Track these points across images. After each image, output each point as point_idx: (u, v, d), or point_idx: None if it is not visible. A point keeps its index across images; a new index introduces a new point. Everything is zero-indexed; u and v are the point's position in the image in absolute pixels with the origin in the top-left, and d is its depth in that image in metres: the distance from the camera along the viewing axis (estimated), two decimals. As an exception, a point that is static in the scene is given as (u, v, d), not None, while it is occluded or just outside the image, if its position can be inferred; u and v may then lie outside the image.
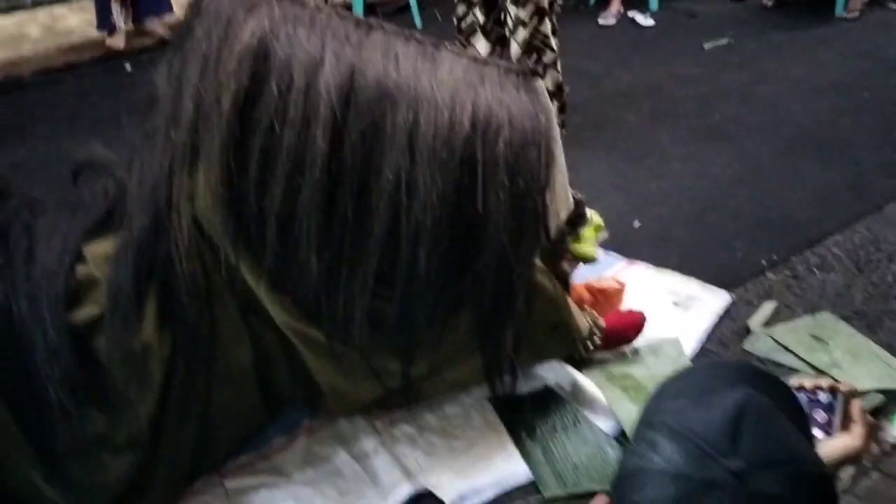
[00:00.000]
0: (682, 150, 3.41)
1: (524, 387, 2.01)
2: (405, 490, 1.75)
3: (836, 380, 2.01)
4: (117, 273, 1.56)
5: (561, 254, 1.94)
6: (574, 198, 1.95)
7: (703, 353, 2.25)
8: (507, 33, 3.12)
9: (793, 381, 1.11)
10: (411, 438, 1.89)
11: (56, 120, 3.99)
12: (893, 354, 2.17)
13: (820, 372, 2.12)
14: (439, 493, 1.75)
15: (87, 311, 1.58)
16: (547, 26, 3.10)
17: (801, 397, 1.09)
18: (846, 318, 2.33)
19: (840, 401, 1.10)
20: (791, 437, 0.78)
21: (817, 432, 1.08)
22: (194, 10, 1.63)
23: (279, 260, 1.60)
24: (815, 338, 2.25)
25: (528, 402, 1.99)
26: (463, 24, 3.27)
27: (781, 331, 2.29)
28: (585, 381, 2.04)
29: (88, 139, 2.00)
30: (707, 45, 4.65)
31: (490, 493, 1.78)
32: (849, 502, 1.80)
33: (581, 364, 2.08)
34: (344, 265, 1.62)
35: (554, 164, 1.79)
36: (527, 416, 1.95)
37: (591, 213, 2.09)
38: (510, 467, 1.83)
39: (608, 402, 1.98)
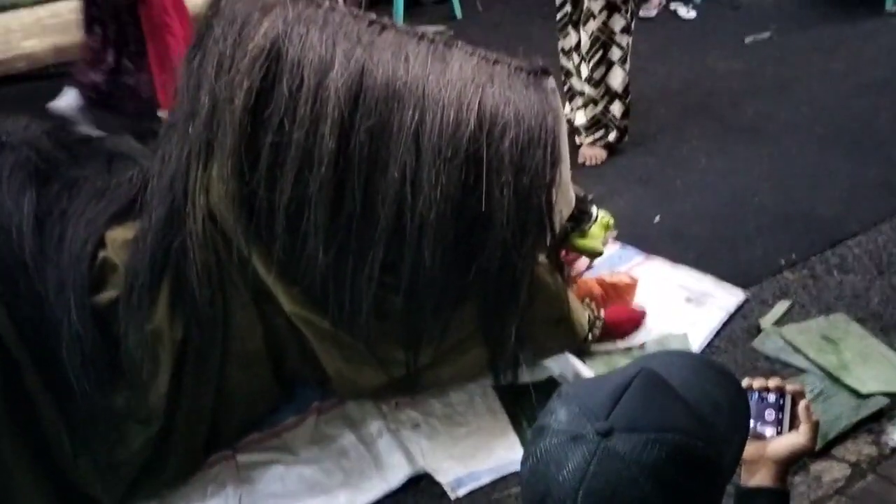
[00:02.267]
0: (710, 145, 3.40)
1: (529, 376, 2.06)
2: (405, 472, 1.84)
3: (843, 382, 2.07)
4: (134, 260, 1.67)
5: (561, 249, 1.99)
6: (577, 195, 1.99)
7: (711, 349, 2.27)
8: (581, 24, 3.15)
9: (744, 382, 1.15)
10: (416, 423, 1.97)
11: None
12: (905, 358, 2.17)
13: (827, 373, 2.13)
14: (438, 477, 1.83)
15: (108, 295, 1.70)
16: (617, 23, 3.09)
17: (752, 397, 1.14)
18: (861, 320, 2.33)
19: (788, 400, 1.14)
20: (670, 410, 0.87)
21: (768, 430, 1.13)
22: (213, 9, 1.72)
23: (288, 251, 1.68)
24: (826, 339, 2.25)
25: (532, 392, 2.04)
26: (559, 15, 3.33)
27: (792, 330, 2.30)
28: (589, 372, 2.08)
29: (122, 131, 2.13)
30: (748, 40, 4.58)
31: (487, 479, 1.85)
32: (843, 503, 1.82)
33: (585, 356, 2.13)
34: (350, 257, 1.70)
35: (560, 163, 1.83)
36: (530, 406, 2.01)
37: (602, 213, 2.13)
38: (509, 455, 1.89)
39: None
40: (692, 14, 4.98)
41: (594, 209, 2.05)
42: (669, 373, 0.93)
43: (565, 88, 3.44)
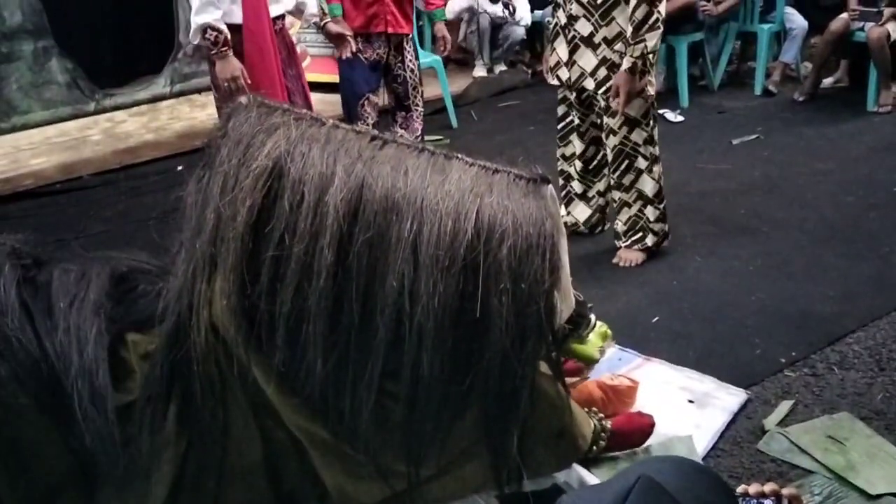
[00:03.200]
0: (704, 245, 3.45)
1: (532, 485, 2.03)
2: (408, 588, 1.78)
3: (852, 484, 2.04)
4: (153, 372, 1.69)
5: (561, 354, 1.99)
6: (577, 298, 2.01)
7: (716, 452, 2.25)
8: (604, 137, 3.27)
9: (739, 489, 1.15)
10: (418, 536, 1.92)
11: (109, 219, 4.25)
12: (912, 456, 2.15)
13: (835, 474, 2.10)
14: (442, 592, 1.78)
15: (120, 398, 1.69)
16: (639, 135, 3.15)
17: (749, 503, 1.13)
18: (865, 419, 2.32)
19: None
20: None
21: None
22: (222, 132, 1.79)
23: (288, 362, 1.69)
24: (832, 439, 2.23)
25: (536, 501, 2.00)
26: (560, 125, 3.45)
27: (797, 431, 2.28)
28: (594, 479, 2.05)
29: (135, 244, 2.14)
30: (735, 141, 4.73)
31: (493, 593, 1.79)
32: None
33: (590, 462, 2.10)
34: (350, 367, 1.70)
35: (559, 269, 1.85)
36: (534, 515, 1.97)
37: (600, 323, 2.14)
38: (515, 567, 1.85)
39: (616, 501, 1.99)
40: (680, 118, 5.16)
41: (592, 316, 2.07)
42: (664, 480, 0.94)
43: (564, 192, 3.54)
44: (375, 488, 1.82)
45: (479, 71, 6.44)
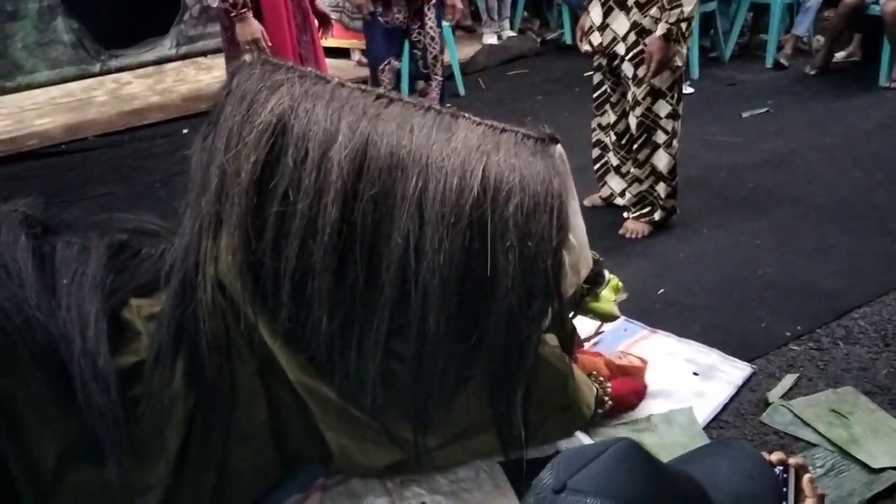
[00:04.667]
0: (711, 218, 3.43)
1: (535, 452, 2.04)
2: (410, 550, 1.79)
3: (855, 457, 2.04)
4: (160, 332, 1.68)
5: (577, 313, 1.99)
6: (593, 257, 1.99)
7: (719, 423, 2.25)
8: (630, 110, 3.22)
9: None
10: (421, 500, 1.93)
11: (113, 181, 4.24)
12: (915, 431, 2.14)
13: (838, 447, 2.10)
14: (444, 555, 1.79)
15: (126, 359, 1.70)
16: (662, 108, 3.12)
17: None
18: (869, 393, 2.31)
19: (792, 474, 1.13)
20: (629, 482, 0.95)
21: None
22: (226, 89, 1.77)
23: (294, 319, 1.69)
24: (835, 412, 2.23)
25: (539, 468, 2.01)
26: (596, 93, 3.40)
27: (801, 404, 2.27)
28: (595, 446, 2.06)
29: (139, 207, 2.11)
30: (745, 114, 4.69)
31: (494, 557, 1.80)
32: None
33: (593, 431, 2.11)
34: (356, 324, 1.70)
35: (567, 227, 1.83)
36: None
37: (610, 276, 2.13)
38: (516, 532, 1.86)
39: (618, 470, 2.00)
40: (690, 90, 5.10)
41: (605, 271, 2.06)
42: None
43: (601, 162, 3.51)
44: (380, 452, 1.83)
45: (489, 38, 6.37)
